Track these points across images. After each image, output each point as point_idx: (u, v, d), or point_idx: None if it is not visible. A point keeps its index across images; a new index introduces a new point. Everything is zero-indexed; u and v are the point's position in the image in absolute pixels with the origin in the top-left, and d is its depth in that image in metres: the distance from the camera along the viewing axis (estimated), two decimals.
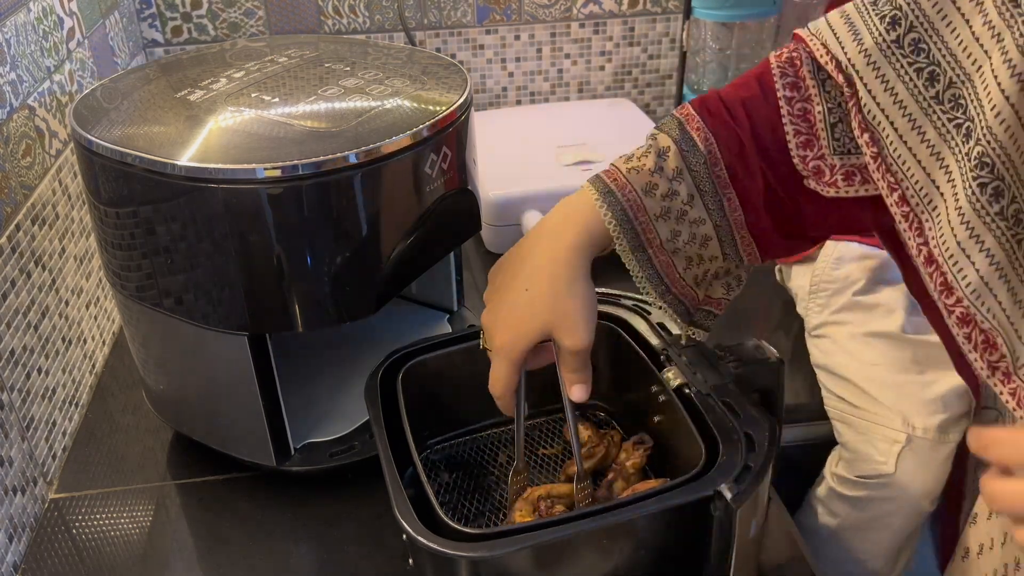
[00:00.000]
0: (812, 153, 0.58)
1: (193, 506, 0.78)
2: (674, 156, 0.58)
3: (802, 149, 0.58)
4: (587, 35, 1.43)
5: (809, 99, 0.57)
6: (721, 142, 0.58)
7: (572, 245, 0.58)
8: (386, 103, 0.70)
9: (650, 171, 0.58)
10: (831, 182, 0.58)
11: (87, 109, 0.72)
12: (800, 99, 0.58)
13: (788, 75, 0.58)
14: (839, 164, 0.57)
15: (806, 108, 0.57)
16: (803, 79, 0.57)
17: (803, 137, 0.58)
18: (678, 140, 0.59)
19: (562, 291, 0.57)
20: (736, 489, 0.54)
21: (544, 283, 0.57)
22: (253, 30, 1.35)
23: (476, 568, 0.53)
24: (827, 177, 0.58)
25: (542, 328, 0.57)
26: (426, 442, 0.75)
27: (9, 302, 0.76)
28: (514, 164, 1.16)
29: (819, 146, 0.57)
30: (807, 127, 0.58)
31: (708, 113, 0.59)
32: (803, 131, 0.58)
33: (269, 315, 0.68)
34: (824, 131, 0.57)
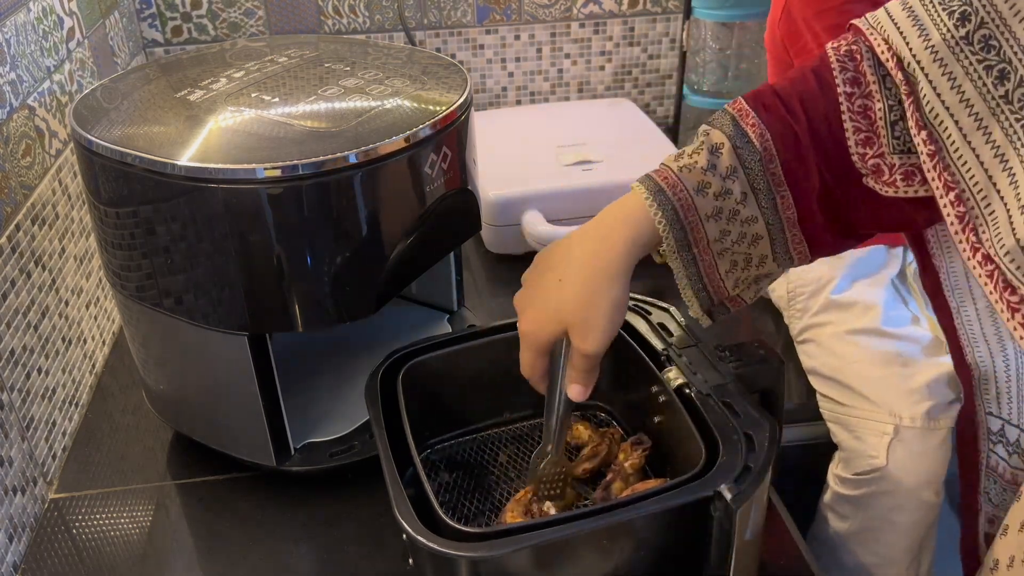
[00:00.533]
0: (872, 151, 0.56)
1: (193, 506, 0.78)
2: (728, 153, 0.57)
3: (862, 147, 0.56)
4: (587, 35, 1.43)
5: (870, 95, 0.56)
6: (777, 138, 0.56)
7: (617, 247, 0.57)
8: (386, 103, 0.70)
9: (703, 169, 0.57)
10: (890, 181, 0.56)
11: (87, 109, 0.72)
12: (861, 95, 0.56)
13: (848, 70, 0.56)
14: (899, 163, 0.56)
15: (867, 105, 0.56)
16: (863, 74, 0.56)
17: (863, 135, 0.56)
18: (732, 136, 0.57)
19: (594, 291, 0.56)
20: (736, 490, 0.54)
21: (579, 280, 0.56)
22: (253, 30, 1.35)
23: (476, 568, 0.53)
24: (886, 176, 0.56)
25: (561, 324, 0.57)
26: (426, 442, 0.75)
27: (9, 302, 0.76)
28: (514, 164, 1.16)
29: (879, 144, 0.56)
30: (867, 124, 0.56)
31: (763, 108, 0.57)
32: (863, 128, 0.56)
33: (269, 315, 0.68)
34: (885, 129, 0.55)
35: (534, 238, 1.07)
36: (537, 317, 0.58)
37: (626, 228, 0.57)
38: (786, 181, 0.57)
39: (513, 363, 0.74)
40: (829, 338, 0.99)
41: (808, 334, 1.02)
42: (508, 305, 1.06)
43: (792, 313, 1.05)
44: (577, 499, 0.67)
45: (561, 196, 1.10)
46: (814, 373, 1.01)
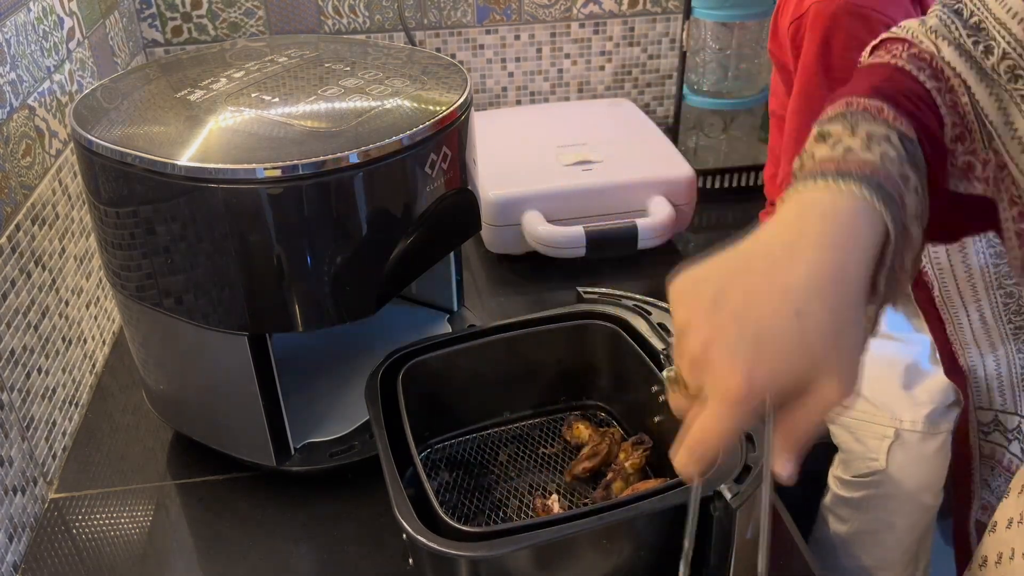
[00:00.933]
0: (963, 147, 0.50)
1: (193, 506, 0.78)
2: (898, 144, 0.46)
3: (953, 143, 0.50)
4: (587, 35, 1.43)
5: (953, 90, 0.50)
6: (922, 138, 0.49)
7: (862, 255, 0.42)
8: (386, 103, 0.70)
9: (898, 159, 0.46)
10: (983, 177, 0.50)
11: (87, 109, 0.72)
12: (946, 90, 0.50)
13: (924, 69, 0.50)
14: (993, 158, 0.50)
15: (954, 99, 0.50)
16: (940, 70, 0.50)
17: (958, 129, 0.50)
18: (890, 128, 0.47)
19: (849, 318, 0.41)
20: (736, 489, 0.54)
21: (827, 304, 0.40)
22: (253, 30, 1.35)
23: (476, 567, 0.53)
24: (978, 171, 0.50)
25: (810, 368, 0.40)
26: (426, 442, 0.75)
27: (9, 302, 0.76)
28: (514, 164, 1.16)
29: (971, 139, 0.50)
30: (959, 118, 0.51)
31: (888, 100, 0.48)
32: (957, 123, 0.50)
33: (269, 315, 0.68)
34: (976, 124, 0.50)
35: (534, 238, 1.07)
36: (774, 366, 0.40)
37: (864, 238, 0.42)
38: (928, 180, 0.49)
39: (513, 363, 0.74)
40: None
41: None
42: (508, 305, 1.07)
43: None
44: None
45: (561, 196, 1.10)
46: None
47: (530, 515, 0.68)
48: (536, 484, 0.71)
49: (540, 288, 1.10)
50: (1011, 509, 0.63)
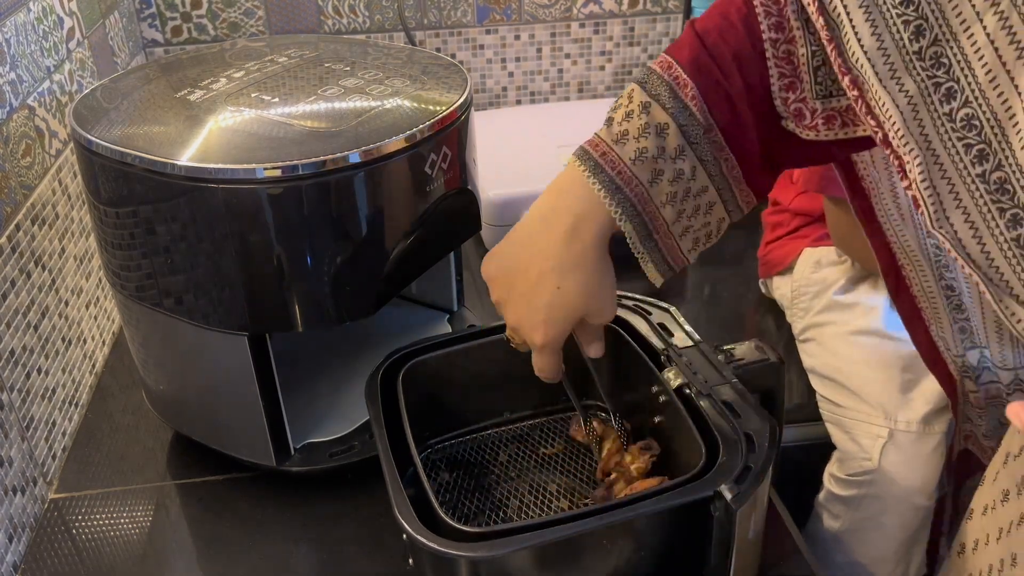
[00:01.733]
0: (794, 95, 0.57)
1: (193, 506, 0.78)
2: (674, 134, 0.57)
3: (784, 91, 0.57)
4: (587, 35, 1.43)
5: (793, 40, 0.56)
6: (714, 106, 0.57)
7: (595, 241, 0.58)
8: (386, 103, 0.70)
9: (653, 157, 0.57)
10: (811, 125, 0.57)
11: (87, 109, 0.72)
12: (784, 41, 0.56)
13: (772, 15, 0.56)
14: (820, 108, 0.57)
15: (790, 50, 0.56)
16: (787, 19, 0.56)
17: (787, 80, 0.56)
18: (674, 113, 0.56)
19: (595, 282, 0.59)
20: (736, 489, 0.54)
21: (577, 281, 0.59)
22: (253, 30, 1.35)
23: (476, 568, 0.53)
24: (808, 120, 0.57)
25: (579, 318, 0.60)
26: (426, 442, 0.75)
27: (9, 302, 0.76)
28: (514, 164, 1.16)
29: (801, 89, 0.56)
30: (791, 69, 0.56)
31: (698, 72, 0.56)
32: (787, 74, 0.56)
33: (269, 315, 0.68)
34: (808, 74, 0.56)
35: None
36: (552, 324, 0.60)
37: (593, 224, 0.58)
38: (728, 146, 0.58)
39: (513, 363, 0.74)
40: (831, 338, 0.99)
41: (810, 333, 1.02)
42: None
43: (795, 312, 1.06)
44: None
45: None
46: (814, 372, 1.01)
47: (532, 515, 0.68)
48: (536, 484, 0.71)
49: None
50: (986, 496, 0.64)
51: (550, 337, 0.60)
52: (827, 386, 0.98)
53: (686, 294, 1.17)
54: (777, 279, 1.11)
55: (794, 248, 1.08)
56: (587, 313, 0.60)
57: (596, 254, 0.59)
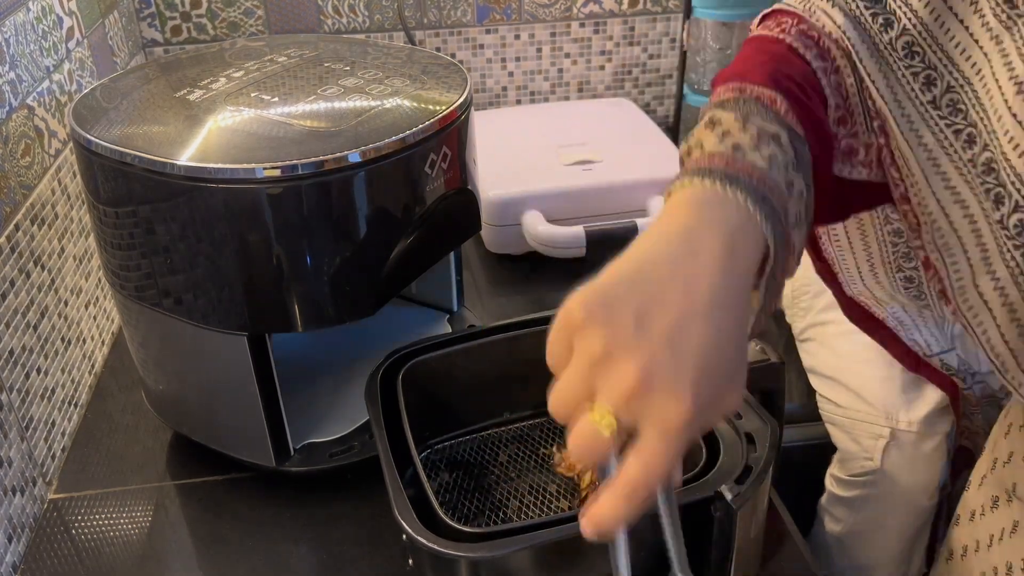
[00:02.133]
0: (846, 130, 0.50)
1: (192, 506, 0.78)
2: (787, 144, 0.45)
3: (835, 125, 0.50)
4: (587, 34, 1.43)
5: (838, 71, 0.50)
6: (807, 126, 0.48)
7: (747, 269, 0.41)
8: (386, 102, 0.70)
9: (784, 165, 0.44)
10: (866, 163, 0.50)
11: (86, 109, 0.71)
12: (831, 71, 0.49)
13: (811, 47, 0.49)
14: (876, 143, 0.50)
15: (838, 81, 0.50)
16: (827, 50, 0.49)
17: (839, 112, 0.50)
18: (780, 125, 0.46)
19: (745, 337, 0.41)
20: (737, 490, 0.54)
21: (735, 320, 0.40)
22: (252, 30, 1.35)
23: (476, 568, 0.53)
24: (861, 156, 0.50)
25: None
26: (426, 442, 0.75)
27: (8, 302, 0.76)
28: (514, 164, 1.16)
29: (854, 123, 0.50)
30: (842, 100, 0.50)
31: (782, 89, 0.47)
32: (840, 105, 0.50)
33: (269, 315, 0.68)
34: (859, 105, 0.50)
35: (534, 238, 1.07)
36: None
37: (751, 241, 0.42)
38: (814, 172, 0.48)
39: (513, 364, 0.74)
40: (831, 337, 0.99)
41: (810, 333, 1.02)
42: (508, 305, 1.07)
43: (795, 311, 1.05)
44: None
45: (561, 196, 1.10)
46: (814, 372, 1.01)
47: (532, 515, 0.68)
48: (536, 485, 0.71)
49: (540, 288, 1.10)
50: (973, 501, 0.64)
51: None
52: (828, 386, 0.98)
53: None
54: None
55: None
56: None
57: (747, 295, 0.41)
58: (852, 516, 0.94)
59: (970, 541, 0.63)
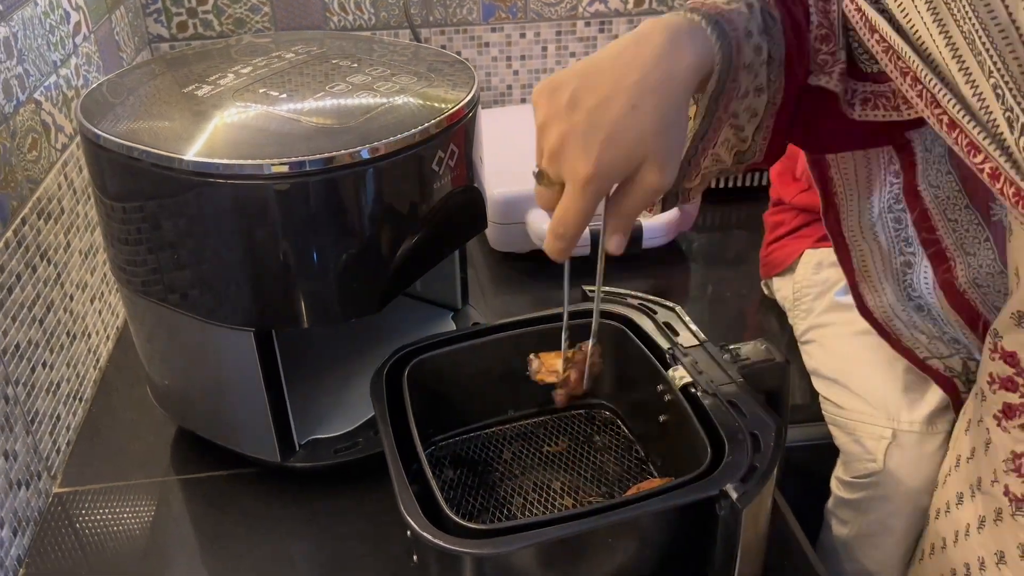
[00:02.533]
0: (827, 47, 0.56)
1: (196, 501, 0.78)
2: (758, 13, 0.54)
3: (818, 43, 0.56)
4: (593, 33, 1.43)
5: None
6: (784, 18, 0.55)
7: (689, 66, 0.50)
8: (393, 100, 0.70)
9: (747, 16, 0.53)
10: (829, 71, 0.56)
11: (94, 104, 0.72)
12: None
13: None
14: (844, 58, 0.56)
15: (827, 7, 0.56)
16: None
17: (823, 31, 0.56)
18: (755, 2, 0.54)
19: (673, 116, 0.50)
20: (742, 489, 0.54)
21: (658, 102, 0.49)
22: (258, 26, 1.35)
23: (480, 565, 0.53)
24: (828, 66, 0.57)
25: (642, 156, 0.49)
26: (431, 439, 0.75)
27: (14, 296, 0.76)
28: (519, 162, 1.15)
29: (833, 42, 0.56)
30: (828, 23, 0.56)
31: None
32: (824, 24, 0.56)
33: (275, 311, 0.68)
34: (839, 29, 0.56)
35: (539, 236, 1.07)
36: (616, 151, 0.49)
37: (691, 49, 0.50)
38: (784, 64, 0.55)
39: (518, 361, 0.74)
40: (832, 339, 0.99)
41: (812, 334, 1.02)
42: (512, 303, 1.07)
43: (797, 314, 1.06)
44: None
45: None
46: (816, 374, 1.01)
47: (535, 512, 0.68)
48: (540, 482, 0.71)
49: (544, 286, 1.10)
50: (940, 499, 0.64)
51: (603, 165, 0.49)
52: (829, 387, 0.98)
53: (690, 293, 1.17)
54: (778, 280, 1.11)
55: (795, 249, 1.08)
56: (648, 155, 0.49)
57: (686, 84, 0.50)
58: (858, 518, 0.94)
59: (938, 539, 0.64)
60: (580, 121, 0.49)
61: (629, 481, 0.71)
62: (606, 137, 0.48)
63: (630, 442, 0.74)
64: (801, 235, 1.09)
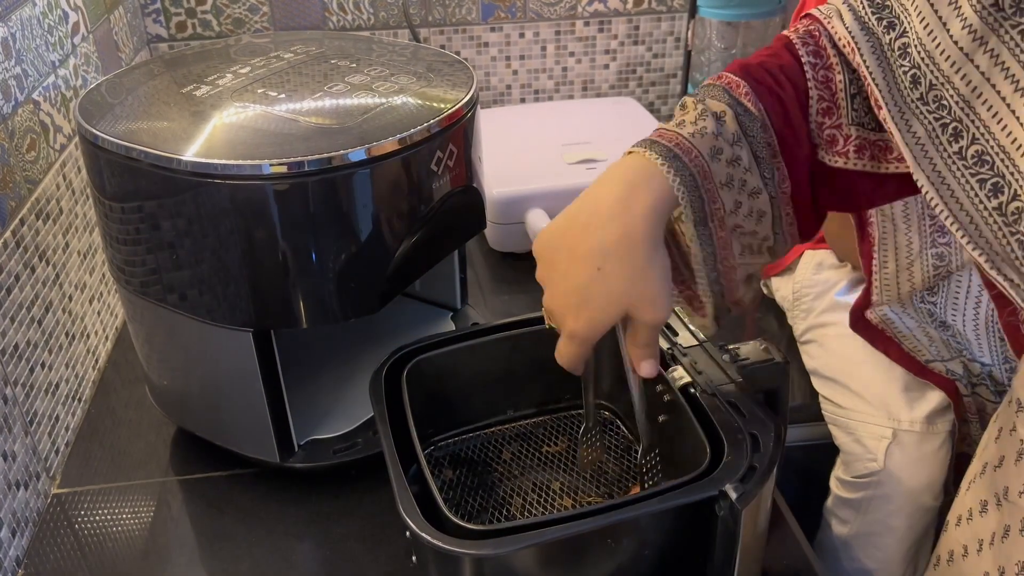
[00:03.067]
0: (830, 121, 0.57)
1: (195, 502, 0.78)
2: (731, 120, 0.55)
3: (821, 116, 0.56)
4: (592, 33, 1.43)
5: (831, 67, 0.56)
6: (769, 107, 0.55)
7: (646, 214, 0.52)
8: (392, 100, 0.70)
9: (713, 134, 0.54)
10: (843, 152, 0.57)
11: (92, 104, 0.71)
12: (823, 67, 0.57)
13: (809, 44, 0.57)
14: (854, 135, 0.56)
15: (828, 76, 0.56)
16: (824, 48, 0.57)
17: (824, 104, 0.56)
18: (730, 104, 0.55)
19: (640, 266, 0.52)
20: (741, 489, 0.54)
21: (620, 260, 0.52)
22: (257, 26, 1.35)
23: (479, 565, 0.53)
24: (839, 146, 0.57)
25: (622, 309, 0.53)
26: (430, 439, 0.75)
27: (13, 297, 0.76)
28: (518, 162, 1.16)
29: (838, 115, 0.56)
30: (829, 94, 0.56)
31: (752, 78, 0.56)
32: (825, 98, 0.56)
33: (274, 311, 0.68)
34: (845, 100, 0.56)
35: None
36: (590, 312, 0.53)
37: (650, 194, 0.52)
38: (780, 151, 0.56)
39: (516, 361, 0.74)
40: (832, 339, 0.99)
41: (811, 334, 1.02)
42: (511, 303, 1.07)
43: (796, 314, 1.05)
44: None
45: (565, 194, 1.09)
46: (816, 374, 1.01)
47: (535, 513, 0.68)
48: (539, 482, 0.71)
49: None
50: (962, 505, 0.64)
51: (581, 325, 0.54)
52: (829, 387, 0.98)
53: None
54: (777, 280, 1.10)
55: (795, 249, 1.08)
56: (632, 305, 0.53)
57: (646, 232, 0.52)
58: (858, 518, 0.94)
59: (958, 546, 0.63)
60: (559, 285, 0.55)
61: (628, 481, 0.71)
62: (580, 302, 0.53)
63: (630, 442, 0.74)
64: None
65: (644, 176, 0.53)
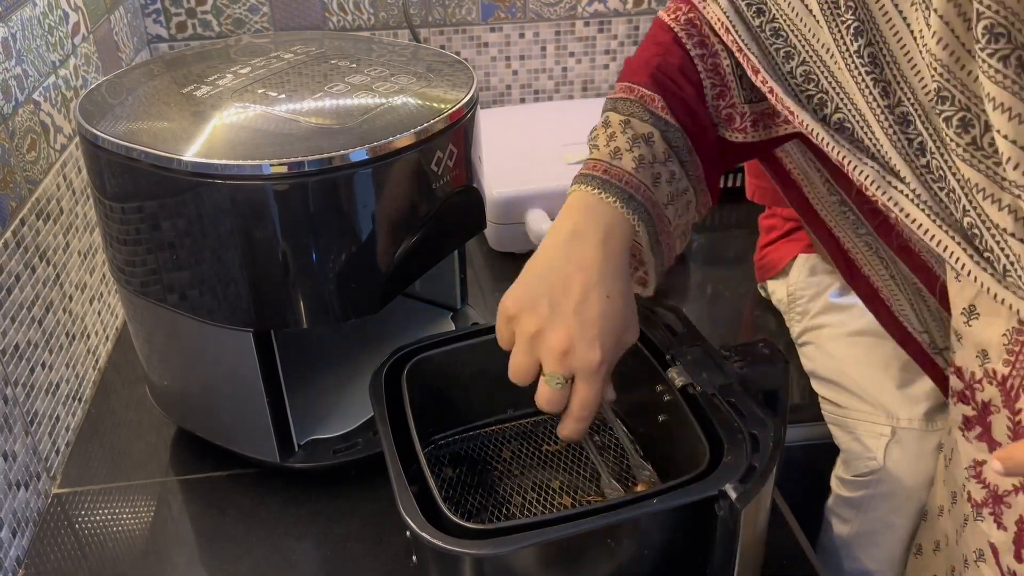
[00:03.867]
0: (724, 102, 0.63)
1: (196, 502, 0.78)
2: (659, 140, 0.61)
3: (716, 99, 0.63)
4: (592, 33, 1.43)
5: (716, 54, 0.62)
6: (679, 112, 0.61)
7: (624, 252, 0.59)
8: (392, 100, 0.70)
9: (650, 162, 0.60)
10: (741, 128, 0.63)
11: (92, 104, 0.72)
12: (710, 55, 0.62)
13: (694, 36, 0.62)
14: (748, 111, 0.63)
15: (716, 63, 0.62)
16: (707, 37, 0.62)
17: (717, 88, 0.63)
18: (653, 123, 0.61)
19: (631, 295, 0.59)
20: (741, 489, 0.54)
21: (621, 290, 0.57)
22: (257, 26, 1.35)
23: (480, 565, 0.53)
24: (737, 123, 0.63)
25: (624, 328, 0.58)
26: (430, 438, 0.75)
27: (13, 297, 0.76)
28: (518, 162, 1.16)
29: (730, 95, 0.63)
30: (720, 79, 0.63)
31: (659, 86, 0.61)
32: (717, 83, 0.63)
33: (274, 312, 0.68)
34: (734, 81, 0.62)
35: (537, 236, 1.07)
36: (608, 338, 0.56)
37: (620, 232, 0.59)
38: (694, 147, 0.62)
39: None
40: (828, 340, 0.99)
41: (807, 336, 1.02)
42: None
43: (792, 316, 1.06)
44: None
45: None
46: (814, 375, 1.01)
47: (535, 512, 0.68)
48: (539, 481, 0.71)
49: None
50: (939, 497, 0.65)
51: (607, 350, 0.56)
52: (828, 388, 0.98)
53: (688, 294, 1.17)
54: (773, 283, 1.11)
55: (788, 251, 1.08)
56: (627, 326, 0.58)
57: (624, 264, 0.59)
58: (859, 517, 0.94)
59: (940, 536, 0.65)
60: (574, 322, 0.55)
61: (628, 481, 0.71)
62: (600, 330, 0.55)
63: (629, 442, 0.74)
64: (794, 238, 1.09)
65: (613, 219, 0.58)
